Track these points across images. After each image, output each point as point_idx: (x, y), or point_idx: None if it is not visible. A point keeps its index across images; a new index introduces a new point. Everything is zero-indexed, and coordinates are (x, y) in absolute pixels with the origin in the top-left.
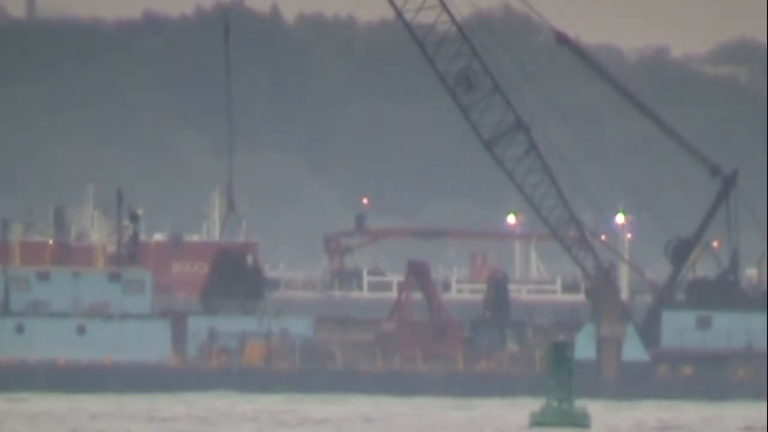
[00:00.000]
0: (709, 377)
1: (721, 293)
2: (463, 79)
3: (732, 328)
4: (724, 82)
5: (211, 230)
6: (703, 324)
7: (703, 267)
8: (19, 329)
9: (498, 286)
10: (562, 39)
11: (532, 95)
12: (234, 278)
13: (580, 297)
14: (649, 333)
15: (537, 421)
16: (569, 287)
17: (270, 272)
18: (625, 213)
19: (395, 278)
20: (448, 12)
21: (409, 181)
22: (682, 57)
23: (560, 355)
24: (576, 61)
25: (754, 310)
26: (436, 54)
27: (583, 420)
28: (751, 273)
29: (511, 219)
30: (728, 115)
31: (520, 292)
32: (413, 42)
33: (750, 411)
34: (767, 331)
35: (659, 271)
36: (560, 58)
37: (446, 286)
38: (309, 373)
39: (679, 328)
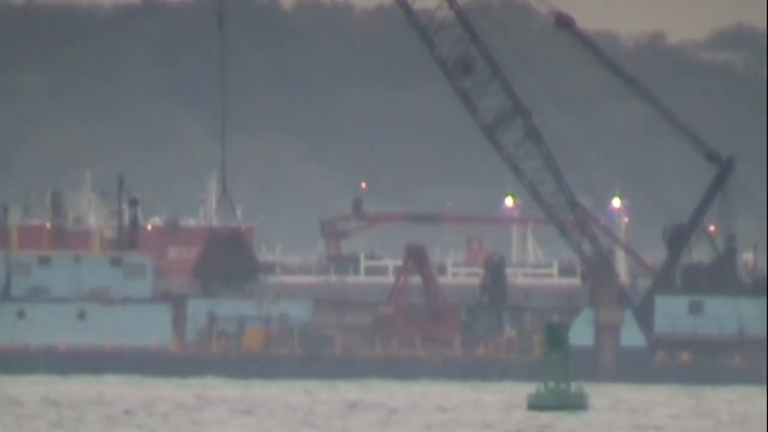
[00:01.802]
0: (705, 363)
1: (714, 278)
2: (461, 64)
3: (724, 314)
4: (721, 68)
5: (208, 215)
6: (696, 309)
7: (699, 252)
8: (20, 314)
9: (495, 269)
10: (563, 22)
11: (530, 80)
12: (227, 261)
13: (576, 281)
14: (644, 318)
15: (534, 403)
16: (566, 271)
17: (266, 256)
18: (621, 197)
19: (392, 263)
20: None
21: (406, 166)
22: (679, 43)
23: (555, 336)
24: (574, 46)
25: (747, 295)
26: (434, 39)
27: (580, 401)
28: (747, 257)
29: (508, 202)
30: (725, 101)
31: (516, 276)
32: (411, 27)
33: (744, 396)
34: (767, 317)
35: (656, 255)
36: (558, 44)
37: (442, 270)
38: (308, 358)
39: (671, 313)
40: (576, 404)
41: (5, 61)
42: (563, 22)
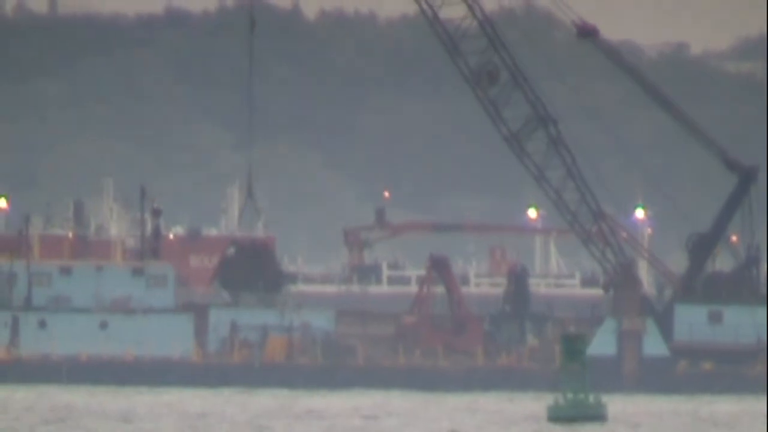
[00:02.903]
0: (727, 372)
1: (734, 288)
2: (485, 74)
3: (741, 323)
4: (744, 78)
5: (229, 224)
6: (715, 318)
7: (722, 262)
8: (42, 324)
9: (518, 280)
10: (585, 32)
11: (552, 90)
12: (251, 271)
13: (599, 291)
14: (665, 327)
15: (553, 415)
16: (588, 282)
17: (288, 266)
18: (644, 207)
19: (415, 272)
20: (470, 7)
21: (428, 175)
22: (701, 54)
23: (572, 347)
24: (597, 56)
25: (764, 304)
26: (459, 48)
27: (599, 412)
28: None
29: (531, 213)
30: (748, 110)
31: (539, 287)
32: (435, 37)
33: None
34: None
35: (679, 264)
36: (580, 53)
37: (465, 280)
38: (330, 368)
39: (690, 322)
40: (595, 415)
41: (28, 71)
42: (586, 32)
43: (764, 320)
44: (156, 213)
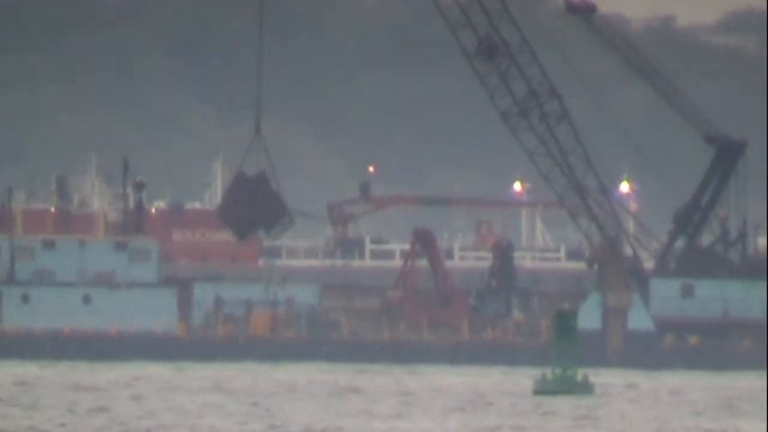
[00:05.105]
0: (713, 347)
1: (707, 262)
2: (485, 48)
3: (711, 297)
4: (732, 52)
5: (213, 199)
6: (687, 292)
7: (710, 236)
8: (25, 299)
9: (503, 255)
10: (575, 8)
11: (543, 65)
12: (253, 205)
13: (584, 265)
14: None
15: (540, 389)
16: (574, 255)
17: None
18: (629, 180)
19: (398, 247)
20: None
21: (414, 150)
22: (688, 26)
23: (564, 323)
24: (585, 30)
25: (734, 278)
26: (470, 21)
27: (585, 387)
28: (761, 241)
29: (517, 187)
30: (736, 85)
31: (524, 260)
32: (431, 12)
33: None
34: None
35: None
36: (566, 27)
37: (450, 254)
38: (315, 342)
39: (664, 296)
40: (581, 390)
41: (13, 45)
42: (575, 8)
43: (734, 294)
44: (139, 187)
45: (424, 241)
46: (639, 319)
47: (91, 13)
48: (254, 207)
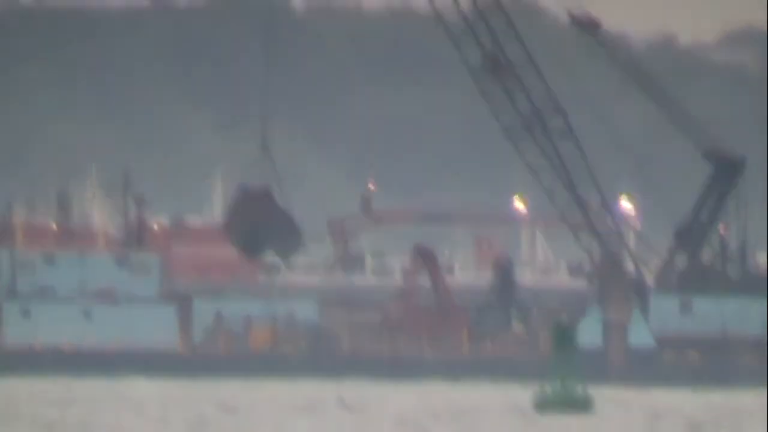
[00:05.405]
0: (715, 362)
1: (705, 278)
2: (489, 64)
3: (709, 313)
4: (732, 70)
5: (213, 212)
6: (686, 308)
7: (711, 253)
8: (26, 313)
9: (504, 272)
10: (581, 23)
11: (546, 82)
12: (262, 222)
13: (585, 281)
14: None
15: (539, 405)
16: (574, 271)
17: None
18: (630, 196)
19: (399, 262)
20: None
21: (414, 165)
22: (690, 45)
23: (563, 336)
24: (587, 45)
25: (732, 294)
26: (475, 34)
27: (585, 403)
28: (762, 259)
29: (517, 203)
30: (737, 102)
31: (525, 276)
32: (437, 28)
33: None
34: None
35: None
36: (568, 43)
37: (450, 270)
38: (315, 357)
39: (663, 312)
40: (581, 406)
41: (13, 58)
42: (580, 24)
43: (733, 311)
44: (140, 201)
45: (425, 258)
46: (639, 335)
47: (89, 26)
48: (263, 225)
